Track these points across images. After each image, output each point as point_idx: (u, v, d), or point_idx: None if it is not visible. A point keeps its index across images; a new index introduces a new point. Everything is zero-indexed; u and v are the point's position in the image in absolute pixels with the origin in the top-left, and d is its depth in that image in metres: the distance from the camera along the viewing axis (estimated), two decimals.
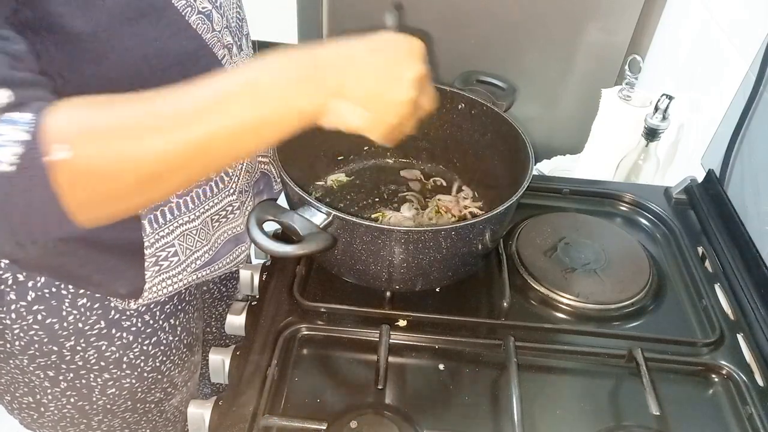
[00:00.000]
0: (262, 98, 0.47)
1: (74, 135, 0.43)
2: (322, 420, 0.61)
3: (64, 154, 0.42)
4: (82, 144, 0.43)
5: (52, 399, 0.76)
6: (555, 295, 0.76)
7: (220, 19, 0.65)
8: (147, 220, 0.68)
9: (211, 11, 0.64)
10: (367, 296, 0.73)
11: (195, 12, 0.61)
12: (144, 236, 0.68)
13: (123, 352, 0.75)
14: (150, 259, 0.70)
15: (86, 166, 0.43)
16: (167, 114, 0.45)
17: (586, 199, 0.94)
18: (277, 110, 0.48)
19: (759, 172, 0.83)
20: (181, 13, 0.60)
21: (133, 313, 0.74)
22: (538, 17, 1.24)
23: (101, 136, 0.44)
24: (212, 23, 0.64)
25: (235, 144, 0.48)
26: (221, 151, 0.48)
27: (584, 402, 0.66)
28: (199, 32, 0.62)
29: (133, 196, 0.48)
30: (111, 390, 0.76)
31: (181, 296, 0.80)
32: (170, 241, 0.70)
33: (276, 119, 0.48)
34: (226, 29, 0.67)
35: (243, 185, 0.77)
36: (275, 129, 0.49)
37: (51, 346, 0.71)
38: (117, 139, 0.44)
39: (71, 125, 0.43)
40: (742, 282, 0.77)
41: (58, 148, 0.42)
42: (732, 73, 0.92)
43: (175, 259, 0.72)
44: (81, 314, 0.70)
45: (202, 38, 0.63)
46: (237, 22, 0.71)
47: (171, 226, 0.70)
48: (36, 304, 0.68)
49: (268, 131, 0.49)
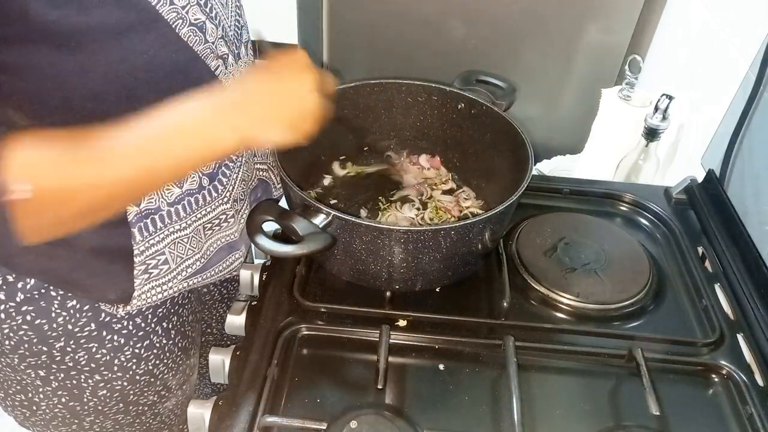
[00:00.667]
0: (191, 138, 0.55)
1: (32, 172, 0.49)
2: (322, 420, 0.61)
3: (25, 193, 0.48)
4: (38, 180, 0.49)
5: (44, 398, 0.76)
6: (555, 295, 0.76)
7: (215, 30, 0.64)
8: (137, 228, 0.67)
9: (205, 22, 0.62)
10: (367, 296, 0.73)
11: (186, 24, 0.60)
12: (134, 244, 0.68)
13: (114, 355, 0.74)
14: (140, 267, 0.69)
15: (41, 200, 0.49)
16: (115, 151, 0.52)
17: (586, 199, 0.94)
18: (205, 147, 0.56)
19: (759, 172, 0.83)
20: (172, 26, 0.58)
21: (124, 316, 0.73)
22: (538, 17, 1.24)
23: (55, 173, 0.50)
24: (205, 35, 0.62)
25: (174, 173, 0.58)
26: (162, 180, 0.59)
27: (584, 402, 0.66)
28: (191, 44, 0.61)
29: (78, 222, 0.55)
30: (102, 392, 0.76)
31: (175, 300, 0.80)
32: (161, 249, 0.70)
33: (205, 153, 0.56)
34: (222, 39, 0.65)
35: (238, 194, 0.77)
36: (207, 159, 0.60)
37: (41, 347, 0.71)
38: (69, 175, 0.50)
39: (28, 163, 0.49)
40: (742, 282, 0.77)
41: (19, 187, 0.47)
42: (732, 73, 0.92)
43: (166, 267, 0.71)
44: (71, 316, 0.70)
45: (194, 50, 0.61)
46: (235, 31, 0.70)
47: (161, 234, 0.69)
48: (25, 305, 0.68)
49: (200, 161, 0.59)
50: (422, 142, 0.91)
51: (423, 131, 0.89)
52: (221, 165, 0.73)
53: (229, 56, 0.67)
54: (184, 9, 0.59)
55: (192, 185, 0.70)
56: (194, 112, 0.55)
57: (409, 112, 0.88)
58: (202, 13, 0.62)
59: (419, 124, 0.89)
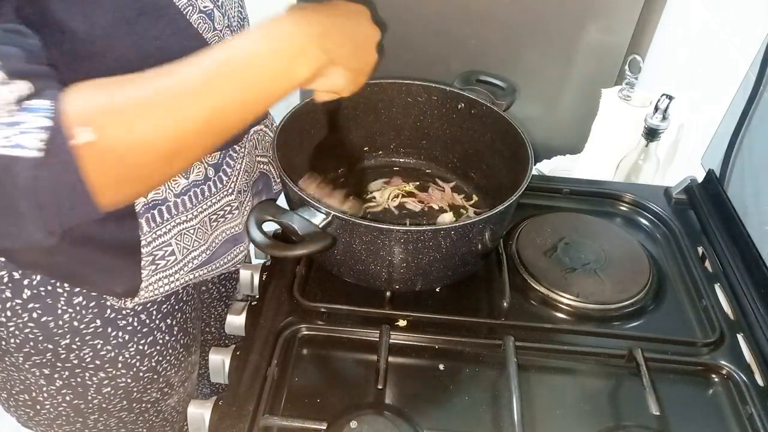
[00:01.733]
0: (266, 69, 0.51)
1: (94, 117, 0.44)
2: (322, 420, 0.61)
3: (88, 137, 0.43)
4: (103, 125, 0.44)
5: (48, 397, 0.76)
6: (555, 295, 0.76)
7: (222, 18, 0.65)
8: (144, 219, 0.67)
9: (213, 10, 0.63)
10: (367, 296, 0.73)
11: (196, 11, 0.60)
12: (141, 235, 0.68)
13: (118, 351, 0.74)
14: (147, 258, 0.69)
15: (109, 147, 0.44)
16: (180, 90, 0.47)
17: (586, 199, 0.94)
18: (279, 79, 0.52)
19: (759, 172, 0.83)
20: (182, 12, 0.59)
21: (129, 312, 0.74)
22: (538, 17, 1.24)
23: (120, 117, 0.45)
24: (214, 22, 0.63)
25: (245, 110, 0.51)
26: (233, 120, 0.51)
27: (584, 402, 0.66)
28: (201, 32, 0.62)
29: (153, 174, 0.49)
30: (106, 389, 0.76)
31: (179, 296, 0.80)
32: (167, 240, 0.70)
33: (278, 86, 0.52)
34: (228, 29, 0.66)
35: (242, 185, 0.77)
36: (278, 94, 0.53)
37: (46, 344, 0.71)
38: (135, 118, 0.45)
39: (89, 108, 0.44)
40: (742, 282, 0.77)
41: (81, 131, 0.43)
42: (732, 73, 0.92)
43: (172, 258, 0.72)
44: (77, 313, 0.70)
45: (203, 38, 0.62)
46: (239, 22, 0.71)
47: (168, 225, 0.70)
48: (31, 302, 0.68)
49: (272, 96, 0.53)
50: (422, 141, 0.91)
51: (423, 131, 0.89)
52: (225, 155, 0.73)
53: None
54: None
55: (198, 176, 0.71)
56: (265, 43, 0.51)
57: (409, 112, 0.88)
58: (210, 1, 0.62)
59: (419, 124, 0.89)
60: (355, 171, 0.90)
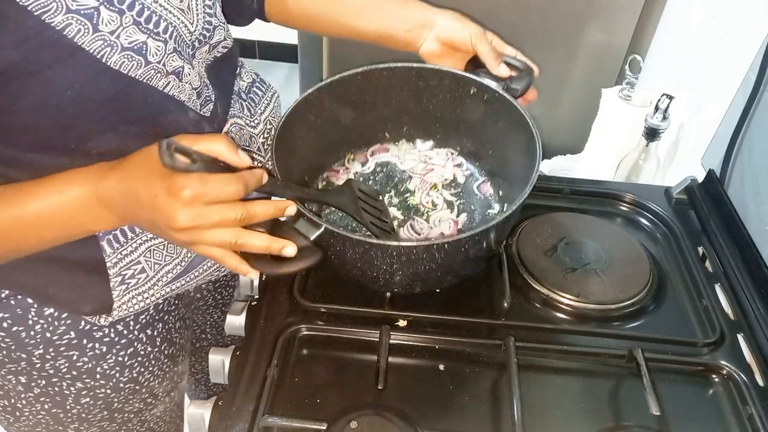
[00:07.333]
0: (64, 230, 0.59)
1: None
2: (322, 420, 0.61)
3: None
4: None
5: (26, 404, 0.74)
6: (555, 295, 0.76)
7: (162, 47, 0.58)
8: (105, 241, 0.65)
9: (145, 43, 0.56)
10: (367, 296, 0.73)
11: (117, 50, 0.54)
12: (105, 256, 0.66)
13: (96, 363, 0.73)
14: (115, 278, 0.67)
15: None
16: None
17: (586, 199, 0.94)
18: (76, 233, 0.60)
19: (759, 172, 0.83)
20: (97, 56, 0.53)
21: (104, 324, 0.72)
22: (539, 17, 1.24)
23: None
24: (146, 56, 0.57)
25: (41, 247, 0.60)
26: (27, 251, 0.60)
27: (584, 402, 0.66)
28: (125, 71, 0.56)
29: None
30: (85, 399, 0.75)
31: (159, 307, 0.78)
32: (135, 258, 0.68)
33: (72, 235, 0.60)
34: (174, 53, 0.60)
35: None
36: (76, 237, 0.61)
37: (19, 353, 0.70)
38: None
39: None
40: (742, 282, 0.77)
41: None
42: (732, 73, 0.92)
43: (144, 276, 0.69)
44: (48, 324, 0.69)
45: (130, 77, 0.56)
46: (203, 34, 0.65)
47: (134, 243, 0.67)
48: (1, 311, 0.67)
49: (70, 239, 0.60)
50: (435, 125, 0.87)
51: (435, 115, 0.86)
52: None
53: (185, 66, 0.62)
54: (114, 34, 0.53)
55: None
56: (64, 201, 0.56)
57: (421, 96, 0.84)
58: (141, 32, 0.56)
59: (431, 108, 0.85)
60: None
